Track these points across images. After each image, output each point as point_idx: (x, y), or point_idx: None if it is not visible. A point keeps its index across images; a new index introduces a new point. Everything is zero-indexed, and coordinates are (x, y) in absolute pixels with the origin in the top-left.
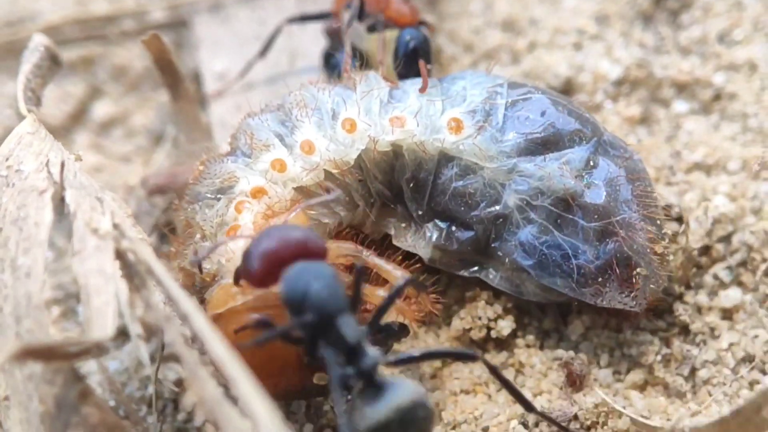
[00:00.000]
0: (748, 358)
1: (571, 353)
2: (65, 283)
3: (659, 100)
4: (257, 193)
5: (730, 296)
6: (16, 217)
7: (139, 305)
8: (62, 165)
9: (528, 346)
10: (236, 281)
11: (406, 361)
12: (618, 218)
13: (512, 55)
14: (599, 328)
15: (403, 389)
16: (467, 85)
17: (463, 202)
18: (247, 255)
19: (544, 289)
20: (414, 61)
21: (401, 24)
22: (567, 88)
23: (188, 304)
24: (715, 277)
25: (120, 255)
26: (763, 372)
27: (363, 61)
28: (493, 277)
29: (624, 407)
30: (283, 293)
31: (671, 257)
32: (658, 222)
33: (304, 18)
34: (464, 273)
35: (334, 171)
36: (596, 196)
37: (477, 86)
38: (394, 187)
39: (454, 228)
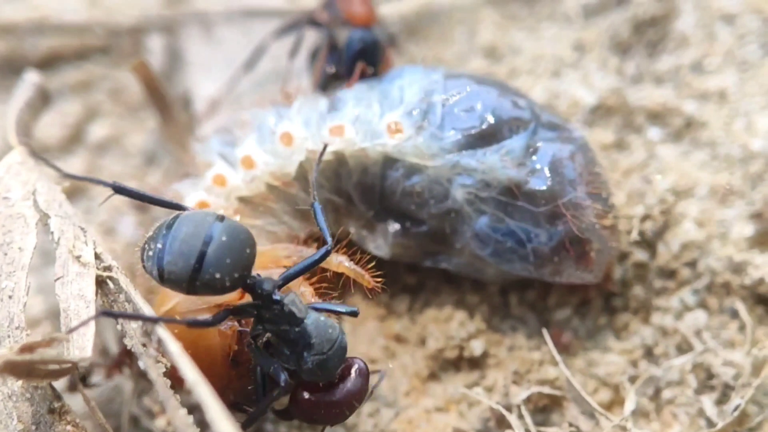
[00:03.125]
0: (711, 380)
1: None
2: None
3: (633, 127)
4: (200, 206)
5: (695, 319)
6: (2, 242)
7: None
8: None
9: (499, 365)
10: None
11: None
12: (564, 200)
13: None
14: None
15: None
16: (404, 85)
17: (413, 201)
18: None
19: (504, 272)
20: (358, 61)
21: (355, 24)
22: None
23: (162, 331)
24: (681, 300)
25: (100, 283)
26: (724, 394)
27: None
28: (455, 264)
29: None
30: None
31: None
32: (604, 195)
33: (286, 29)
34: (428, 263)
35: (275, 183)
36: (540, 182)
37: (413, 85)
38: (343, 194)
39: (408, 224)
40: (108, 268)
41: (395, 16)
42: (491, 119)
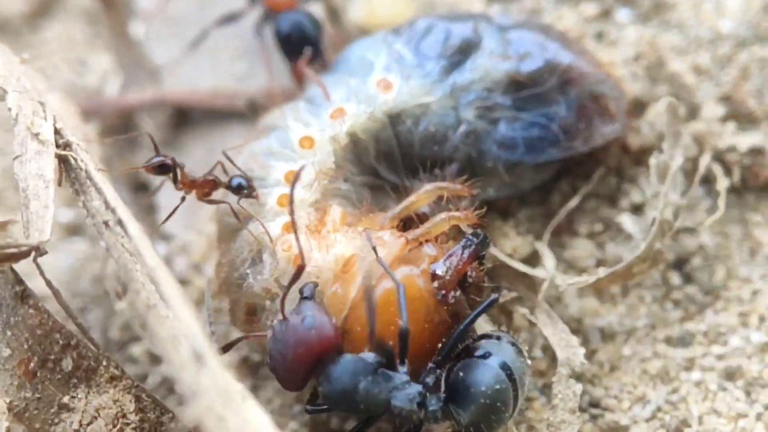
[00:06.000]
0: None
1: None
2: None
3: (601, 7)
4: (287, 228)
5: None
6: None
7: None
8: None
9: None
10: None
11: None
12: (563, 66)
13: None
14: None
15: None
16: (363, 54)
17: (433, 142)
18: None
19: (539, 171)
20: (296, 46)
21: (278, 10)
22: None
23: (124, 211)
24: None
25: (62, 159)
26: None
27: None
28: (494, 189)
29: None
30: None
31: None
32: (586, 50)
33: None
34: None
35: (324, 181)
36: (535, 61)
37: (370, 49)
38: (370, 171)
39: (437, 171)
40: (68, 145)
41: None
42: (457, 35)
